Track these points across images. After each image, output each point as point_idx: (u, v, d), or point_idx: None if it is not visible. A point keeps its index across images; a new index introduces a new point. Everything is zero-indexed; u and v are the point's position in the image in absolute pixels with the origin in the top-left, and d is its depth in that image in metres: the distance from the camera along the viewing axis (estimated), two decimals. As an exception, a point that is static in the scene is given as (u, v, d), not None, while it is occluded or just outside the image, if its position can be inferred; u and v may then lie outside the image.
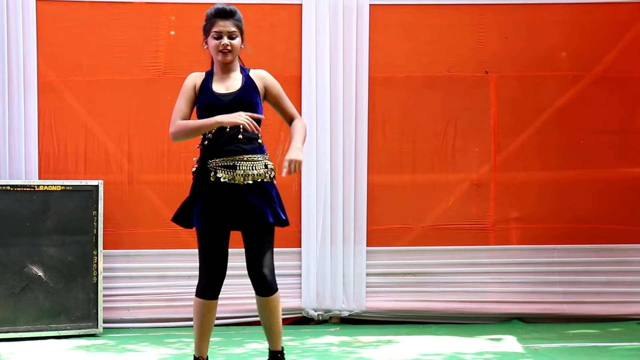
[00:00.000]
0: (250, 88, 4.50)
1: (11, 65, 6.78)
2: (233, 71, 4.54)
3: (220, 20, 4.48)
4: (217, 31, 4.47)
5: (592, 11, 7.11)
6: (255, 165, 4.40)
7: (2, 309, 6.32)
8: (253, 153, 4.42)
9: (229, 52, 4.47)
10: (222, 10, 4.49)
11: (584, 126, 7.14)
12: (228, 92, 4.46)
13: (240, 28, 4.53)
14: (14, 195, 6.38)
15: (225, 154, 4.39)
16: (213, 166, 4.40)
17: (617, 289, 7.10)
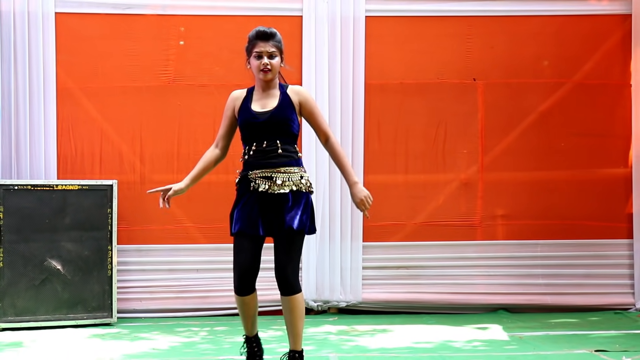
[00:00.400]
0: (286, 105, 4.50)
1: (32, 73, 6.80)
2: (272, 88, 4.56)
3: (261, 42, 4.49)
4: (258, 52, 4.49)
5: (571, 23, 7.13)
6: (292, 176, 4.46)
7: (23, 299, 6.34)
8: (290, 165, 4.47)
9: (268, 71, 4.48)
10: (262, 32, 4.51)
11: (565, 130, 7.16)
12: (264, 111, 4.48)
13: (280, 48, 4.55)
14: (34, 194, 6.39)
15: (264, 166, 4.45)
16: (253, 177, 4.46)
17: (596, 281, 7.12)
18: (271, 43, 4.50)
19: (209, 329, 6.39)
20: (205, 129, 6.97)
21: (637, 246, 7.11)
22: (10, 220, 6.31)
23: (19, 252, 6.33)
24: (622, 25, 7.14)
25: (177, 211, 6.99)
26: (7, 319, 6.29)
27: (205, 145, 6.94)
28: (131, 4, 6.94)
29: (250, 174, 4.47)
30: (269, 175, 4.43)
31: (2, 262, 6.28)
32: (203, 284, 7.00)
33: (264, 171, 4.44)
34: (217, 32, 7.00)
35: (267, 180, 4.43)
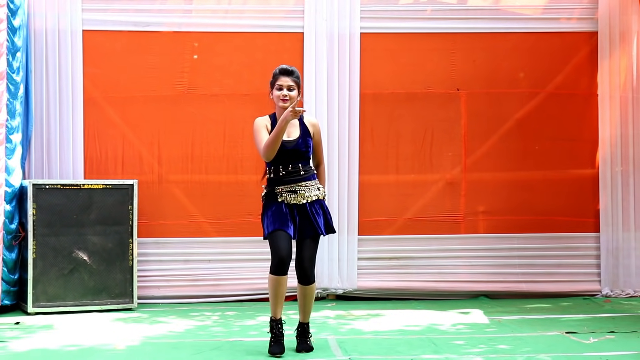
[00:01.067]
0: (306, 135, 4.97)
1: (61, 84, 6.81)
2: None
3: (283, 77, 4.91)
4: (279, 84, 4.91)
5: (544, 39, 7.14)
6: (311, 189, 4.94)
7: (54, 287, 6.35)
8: (308, 180, 4.95)
9: (287, 101, 4.85)
10: (284, 69, 4.95)
11: (539, 135, 7.17)
12: (291, 140, 4.91)
13: (298, 83, 4.95)
14: (63, 192, 6.39)
15: (288, 182, 4.91)
16: (279, 191, 4.91)
17: (566, 270, 7.14)
18: (291, 78, 4.90)
19: (220, 313, 6.39)
20: (217, 134, 7.01)
21: (604, 239, 7.13)
22: (42, 215, 6.31)
23: (49, 245, 6.34)
24: (589, 42, 7.17)
25: (191, 207, 7.02)
26: (39, 304, 6.29)
27: (216, 148, 7.10)
28: (150, 22, 6.95)
29: (277, 189, 4.90)
30: (293, 189, 4.88)
31: (35, 253, 6.29)
32: (214, 273, 6.99)
33: (289, 186, 4.89)
34: (228, 47, 7.02)
35: (292, 194, 4.90)
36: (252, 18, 7.06)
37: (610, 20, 7.10)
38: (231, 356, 4.90)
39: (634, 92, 7.13)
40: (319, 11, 6.99)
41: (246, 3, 7.10)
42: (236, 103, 7.07)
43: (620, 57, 7.13)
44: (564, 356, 4.80)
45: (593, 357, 4.80)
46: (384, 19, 7.09)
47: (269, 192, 4.95)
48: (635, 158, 7.13)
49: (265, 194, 4.98)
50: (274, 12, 7.06)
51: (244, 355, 4.91)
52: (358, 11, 7.01)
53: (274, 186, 4.93)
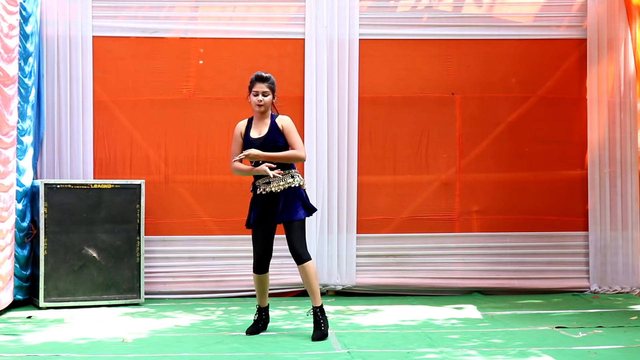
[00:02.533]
0: (274, 131, 5.21)
1: (72, 88, 6.83)
2: (265, 118, 5.26)
3: (258, 83, 5.20)
4: (255, 91, 5.22)
5: (536, 46, 7.15)
6: (284, 177, 5.17)
7: (64, 282, 6.35)
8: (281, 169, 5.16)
9: (262, 106, 5.16)
10: (260, 76, 5.24)
11: (530, 137, 7.17)
12: (259, 137, 5.21)
13: (273, 89, 5.23)
14: (73, 191, 6.40)
15: (262, 176, 5.15)
16: (258, 184, 5.22)
17: (557, 267, 7.13)
18: (266, 84, 5.19)
19: (224, 308, 6.40)
20: (221, 136, 7.02)
21: (592, 237, 7.13)
22: (53, 214, 6.33)
23: (60, 242, 6.35)
24: (578, 48, 7.17)
25: (196, 207, 7.03)
26: (50, 299, 6.31)
27: (221, 149, 7.12)
28: (157, 28, 6.97)
29: (256, 182, 5.21)
30: (267, 181, 5.14)
31: (46, 250, 6.31)
32: (218, 269, 7.00)
33: (264, 178, 5.15)
34: (232, 52, 7.02)
35: (267, 185, 5.16)
36: (255, 25, 7.08)
37: (599, 28, 7.10)
38: (234, 350, 4.92)
39: (621, 97, 7.13)
40: (319, 18, 7.00)
41: (249, 10, 7.11)
42: (239, 106, 7.02)
43: (608, 64, 7.14)
44: (554, 350, 4.80)
45: (582, 351, 4.80)
46: (382, 25, 7.10)
47: (252, 184, 5.28)
48: (623, 160, 7.12)
49: (252, 188, 5.30)
50: (276, 19, 7.07)
51: (246, 349, 4.92)
52: (357, 18, 7.02)
53: (254, 180, 5.26)
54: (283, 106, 6.83)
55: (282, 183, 5.15)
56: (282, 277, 6.96)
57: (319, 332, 5.12)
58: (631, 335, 5.26)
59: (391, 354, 4.73)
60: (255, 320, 5.39)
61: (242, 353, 4.80)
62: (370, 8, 7.08)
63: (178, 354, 4.77)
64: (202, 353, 4.81)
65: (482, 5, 7.17)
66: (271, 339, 5.20)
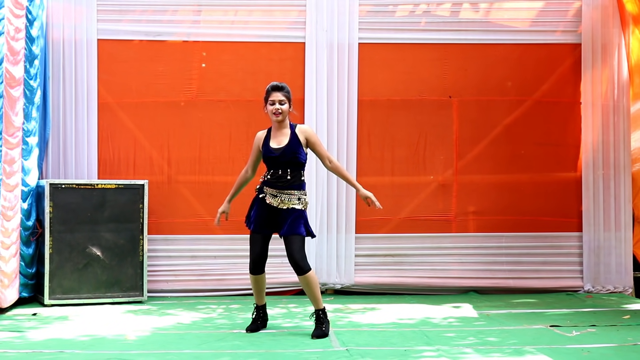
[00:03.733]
0: (295, 142, 5.15)
1: (77, 90, 6.83)
2: (284, 127, 5.21)
3: (274, 92, 5.13)
4: (272, 100, 5.16)
5: (531, 50, 7.14)
6: (291, 198, 5.13)
7: (69, 280, 6.36)
8: (292, 189, 5.13)
9: (279, 114, 5.10)
10: (275, 85, 5.20)
11: (526, 140, 7.16)
12: (279, 147, 5.15)
13: (289, 98, 5.17)
14: (78, 191, 6.40)
15: (275, 187, 5.15)
16: (266, 191, 5.17)
17: (551, 267, 7.13)
18: (282, 93, 5.13)
19: (225, 306, 6.40)
20: (223, 138, 7.03)
21: (586, 238, 7.12)
22: (58, 213, 6.33)
23: (65, 241, 6.35)
24: (573, 53, 7.17)
25: (198, 207, 7.03)
26: (55, 296, 6.30)
27: (222, 151, 7.11)
28: (161, 32, 6.96)
29: (265, 188, 5.14)
30: (275, 194, 5.10)
31: (51, 248, 6.31)
32: (220, 268, 7.00)
33: (274, 190, 5.11)
34: (234, 55, 7.02)
35: (274, 198, 5.14)
36: (256, 29, 7.07)
37: (593, 33, 7.10)
38: (235, 347, 4.92)
39: (614, 101, 7.13)
40: (319, 22, 7.01)
41: (251, 15, 7.11)
42: (241, 108, 7.08)
43: (602, 68, 7.14)
44: (548, 348, 4.80)
45: (575, 349, 4.80)
46: (381, 30, 7.10)
47: (260, 187, 5.22)
48: (616, 162, 7.12)
49: (258, 188, 5.24)
50: (277, 23, 7.07)
51: (247, 346, 4.92)
52: (356, 23, 7.03)
53: (264, 185, 5.20)
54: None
55: (288, 202, 5.11)
56: (282, 275, 6.97)
57: (320, 331, 5.12)
58: (623, 333, 5.26)
59: (389, 352, 4.72)
60: (254, 318, 5.40)
61: (243, 350, 4.80)
62: (370, 13, 7.09)
63: (180, 351, 4.78)
64: (204, 350, 4.81)
65: (479, 10, 7.18)
66: (271, 337, 5.20)
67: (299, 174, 5.15)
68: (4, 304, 5.88)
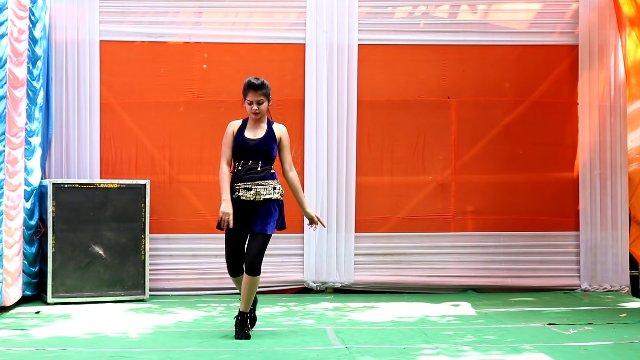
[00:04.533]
0: (271, 137, 5.02)
1: (80, 90, 6.84)
2: (262, 123, 5.06)
3: (252, 91, 4.95)
4: (249, 99, 4.98)
5: (529, 51, 7.15)
6: (266, 187, 4.94)
7: (71, 279, 6.36)
8: (265, 179, 4.96)
9: (257, 114, 4.97)
10: (252, 84, 4.96)
11: (524, 140, 7.17)
12: (254, 138, 5.00)
13: (267, 95, 4.98)
14: (81, 191, 6.41)
15: (245, 180, 4.96)
16: (237, 188, 4.96)
17: (549, 266, 7.13)
18: (260, 92, 4.93)
19: (225, 305, 6.41)
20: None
21: (583, 237, 7.13)
22: (60, 212, 6.33)
23: (68, 240, 6.36)
24: (570, 54, 7.17)
25: (199, 206, 7.03)
26: (58, 295, 6.31)
27: (224, 151, 7.06)
28: (163, 33, 6.97)
29: (236, 185, 4.95)
30: (249, 187, 4.92)
31: (54, 247, 6.32)
32: (220, 267, 6.82)
33: (246, 183, 4.93)
34: (234, 57, 7.02)
35: (247, 191, 4.91)
36: (257, 30, 7.08)
37: (590, 35, 7.11)
38: (236, 345, 4.92)
39: (611, 101, 7.13)
40: (319, 24, 7.01)
41: (252, 16, 7.11)
42: (242, 109, 7.04)
43: (599, 69, 7.14)
44: (545, 346, 4.81)
45: (572, 347, 4.81)
46: (380, 31, 7.11)
47: (231, 187, 4.99)
48: (613, 162, 7.13)
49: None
50: (278, 24, 7.08)
51: (247, 344, 4.92)
52: (356, 24, 7.03)
53: (234, 183, 4.99)
54: (284, 109, 6.88)
55: (264, 192, 4.93)
56: (281, 274, 6.98)
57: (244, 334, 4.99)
58: (620, 331, 5.27)
59: (388, 350, 4.73)
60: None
61: (244, 348, 4.81)
62: (369, 14, 7.09)
63: (181, 349, 4.78)
64: (205, 348, 4.81)
65: (477, 12, 7.19)
66: (271, 335, 5.20)
67: (269, 167, 4.99)
68: (8, 302, 5.89)
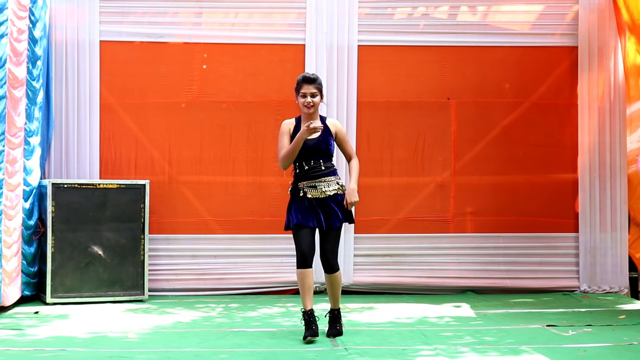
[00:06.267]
0: (327, 134, 5.08)
1: (79, 90, 6.83)
2: (315, 119, 5.04)
3: (305, 85, 5.01)
4: (303, 92, 5.02)
5: (529, 53, 7.14)
6: (330, 184, 5.03)
7: (70, 279, 6.36)
8: (328, 176, 5.04)
9: (311, 107, 4.99)
10: (307, 77, 5.07)
11: (523, 141, 7.16)
12: (312, 138, 5.02)
13: (320, 89, 5.04)
14: (80, 191, 6.41)
15: (309, 178, 5.03)
16: (302, 187, 5.03)
17: (548, 267, 7.13)
18: (314, 85, 5.00)
19: (224, 305, 6.40)
20: (223, 139, 7.03)
21: (582, 239, 7.12)
22: (60, 213, 6.33)
23: (67, 240, 6.36)
24: (570, 56, 7.17)
25: (199, 206, 7.03)
26: (57, 295, 6.31)
27: (223, 151, 7.12)
28: (162, 33, 6.97)
29: (300, 184, 5.00)
30: (313, 185, 4.97)
31: (54, 247, 6.32)
32: (220, 268, 6.99)
33: (310, 182, 4.98)
34: (234, 57, 7.02)
35: (312, 189, 5.01)
36: (257, 31, 7.07)
37: (590, 36, 7.10)
38: (235, 345, 4.92)
39: (611, 103, 7.13)
40: (319, 25, 7.01)
41: (251, 17, 7.11)
42: (241, 110, 7.09)
43: (599, 70, 7.14)
44: (544, 347, 4.81)
45: (572, 349, 4.82)
46: (380, 32, 7.10)
47: (294, 187, 5.07)
48: (612, 164, 7.12)
49: (291, 189, 5.11)
50: (277, 25, 7.07)
51: (246, 345, 4.93)
52: (356, 25, 7.02)
53: (297, 182, 5.05)
54: (284, 109, 6.87)
55: (328, 189, 5.00)
56: (281, 275, 6.98)
57: (335, 330, 5.12)
58: (619, 333, 5.27)
59: (387, 351, 4.73)
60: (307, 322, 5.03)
61: (242, 349, 4.81)
62: (369, 15, 7.09)
63: (180, 349, 4.78)
64: (204, 348, 4.81)
65: (476, 13, 7.18)
66: (270, 335, 5.21)
67: (330, 162, 5.09)
68: (6, 302, 5.89)
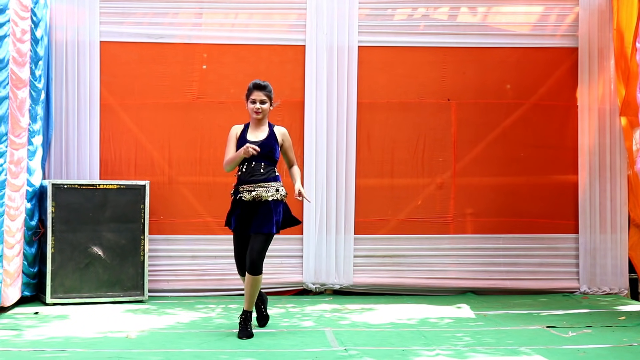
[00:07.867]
0: (272, 139, 5.22)
1: (79, 91, 6.84)
2: (263, 125, 5.20)
3: (256, 91, 5.17)
4: (252, 98, 5.19)
5: (529, 54, 7.15)
6: (269, 189, 5.10)
7: (70, 280, 6.37)
8: (267, 181, 5.13)
9: (260, 113, 5.14)
10: (257, 84, 5.22)
11: (524, 142, 7.18)
12: (257, 140, 5.18)
13: (270, 97, 5.20)
14: (80, 192, 6.42)
15: (248, 182, 5.15)
16: (241, 190, 5.16)
17: (548, 268, 7.14)
18: (263, 92, 5.15)
19: (224, 306, 6.41)
20: (223, 139, 6.86)
21: (582, 240, 7.14)
22: (60, 213, 6.34)
23: (67, 240, 6.36)
24: (570, 57, 7.18)
25: (198, 207, 7.04)
26: (57, 295, 6.32)
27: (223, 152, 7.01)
28: (162, 34, 6.99)
29: (240, 188, 5.15)
30: (251, 189, 5.09)
31: (54, 248, 6.32)
32: (219, 268, 7.00)
33: (249, 186, 5.11)
34: (234, 58, 7.04)
35: (249, 193, 5.12)
36: (257, 32, 7.09)
37: (590, 37, 7.12)
38: (235, 346, 4.93)
39: (610, 104, 7.14)
40: (319, 25, 7.02)
41: (251, 18, 7.12)
42: (242, 110, 7.00)
43: (599, 72, 7.15)
44: (544, 349, 4.82)
45: (571, 350, 4.82)
46: (380, 33, 7.12)
47: (234, 190, 5.23)
48: (612, 165, 7.14)
49: (233, 191, 5.26)
50: (278, 26, 7.08)
51: (246, 346, 4.93)
52: (356, 26, 7.04)
53: (238, 185, 5.20)
54: (284, 110, 6.89)
55: (266, 194, 5.10)
56: (280, 276, 6.99)
57: (247, 332, 5.11)
58: (619, 334, 5.28)
59: (387, 352, 4.74)
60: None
61: (242, 349, 4.81)
62: (369, 16, 7.10)
63: (180, 350, 4.79)
64: (203, 349, 4.82)
65: (476, 14, 7.19)
66: (270, 336, 5.21)
67: (272, 169, 5.19)
68: (7, 302, 5.89)
